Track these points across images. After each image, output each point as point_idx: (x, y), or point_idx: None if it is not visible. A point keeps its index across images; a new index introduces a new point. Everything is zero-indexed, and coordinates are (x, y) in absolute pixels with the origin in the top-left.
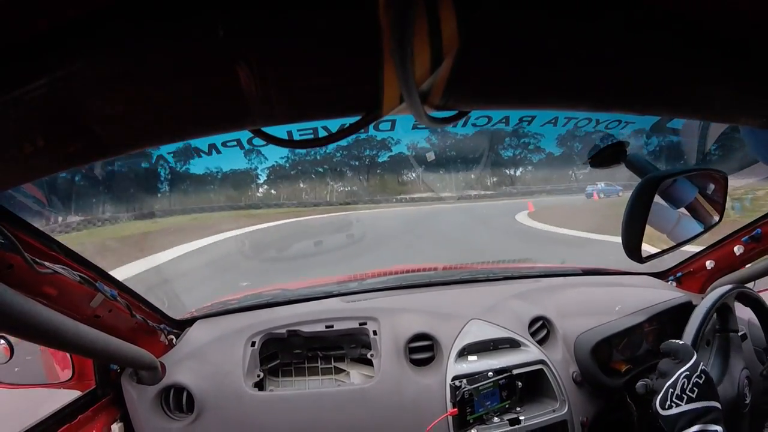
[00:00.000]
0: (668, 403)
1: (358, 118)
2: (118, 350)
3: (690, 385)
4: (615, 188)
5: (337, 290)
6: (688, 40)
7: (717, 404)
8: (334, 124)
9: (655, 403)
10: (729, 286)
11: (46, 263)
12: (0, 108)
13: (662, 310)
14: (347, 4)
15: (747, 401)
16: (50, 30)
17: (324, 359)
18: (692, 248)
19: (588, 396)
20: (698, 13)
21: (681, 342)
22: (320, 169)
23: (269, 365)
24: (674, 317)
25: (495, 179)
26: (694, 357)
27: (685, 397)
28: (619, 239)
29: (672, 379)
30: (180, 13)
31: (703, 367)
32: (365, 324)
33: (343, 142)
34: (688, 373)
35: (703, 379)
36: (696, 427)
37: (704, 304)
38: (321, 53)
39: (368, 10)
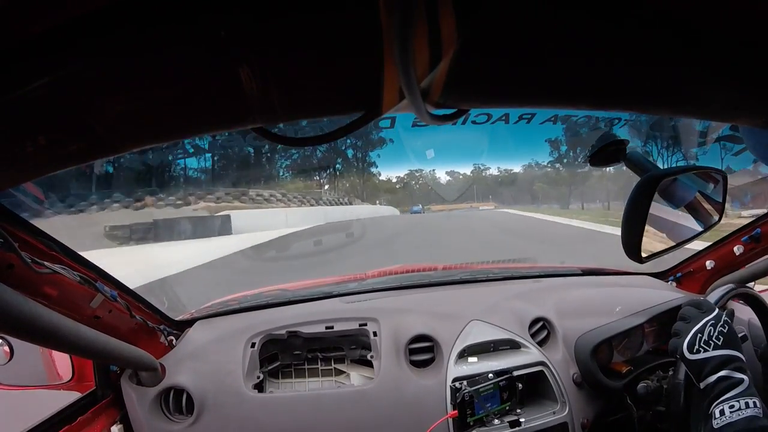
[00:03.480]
0: (696, 347)
1: (358, 115)
2: (117, 351)
3: (716, 333)
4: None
5: (337, 291)
6: (688, 39)
7: (741, 355)
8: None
9: (682, 348)
10: (730, 286)
11: (46, 263)
12: (2, 107)
13: (663, 310)
14: (347, 5)
15: None
16: (53, 30)
17: (324, 360)
18: (692, 248)
19: (588, 397)
20: (698, 12)
21: (703, 297)
22: None
23: (269, 367)
24: (675, 318)
25: None
26: (717, 310)
27: (712, 343)
28: None
29: (699, 325)
30: (182, 14)
31: (726, 319)
32: (365, 325)
33: None
34: (713, 321)
35: (727, 329)
36: (723, 372)
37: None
38: (322, 53)
39: (368, 10)
